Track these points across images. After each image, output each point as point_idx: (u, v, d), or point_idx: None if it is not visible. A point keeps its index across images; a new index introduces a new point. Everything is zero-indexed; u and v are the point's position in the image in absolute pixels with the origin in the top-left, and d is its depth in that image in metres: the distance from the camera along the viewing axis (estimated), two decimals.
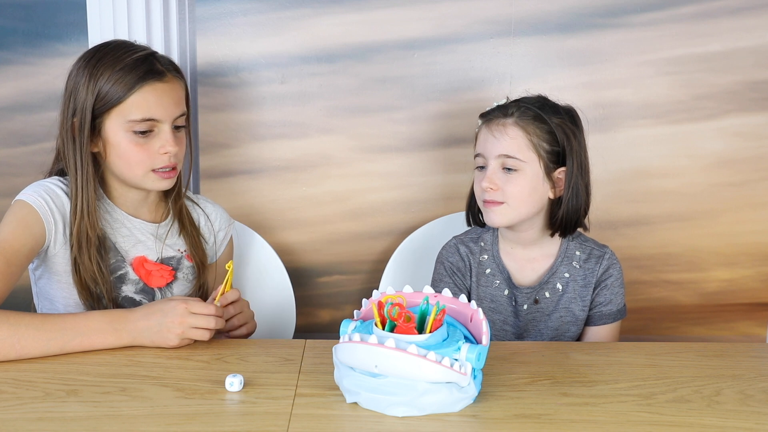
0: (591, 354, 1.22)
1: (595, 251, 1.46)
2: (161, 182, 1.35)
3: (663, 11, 1.76)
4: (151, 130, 1.31)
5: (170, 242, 1.44)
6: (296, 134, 1.82)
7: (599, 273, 1.45)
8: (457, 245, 1.49)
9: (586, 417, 0.98)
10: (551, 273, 1.44)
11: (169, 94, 1.33)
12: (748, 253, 1.88)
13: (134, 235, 1.40)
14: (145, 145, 1.31)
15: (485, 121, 1.42)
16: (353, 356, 0.98)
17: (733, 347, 1.27)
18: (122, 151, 1.32)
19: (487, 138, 1.40)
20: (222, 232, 1.52)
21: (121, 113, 1.30)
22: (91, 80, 1.29)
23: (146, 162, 1.32)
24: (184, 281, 1.44)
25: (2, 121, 1.80)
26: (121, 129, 1.30)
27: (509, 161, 1.37)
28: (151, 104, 1.30)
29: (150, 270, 1.40)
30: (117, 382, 1.06)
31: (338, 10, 1.76)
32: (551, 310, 1.44)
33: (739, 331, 1.91)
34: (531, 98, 1.43)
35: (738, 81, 1.79)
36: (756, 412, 1.01)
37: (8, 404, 0.99)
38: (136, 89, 1.29)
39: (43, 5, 1.75)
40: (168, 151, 1.32)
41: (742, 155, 1.83)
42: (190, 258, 1.45)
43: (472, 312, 1.05)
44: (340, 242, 1.87)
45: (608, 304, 1.45)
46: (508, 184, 1.37)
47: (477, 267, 1.47)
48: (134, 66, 1.30)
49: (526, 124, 1.38)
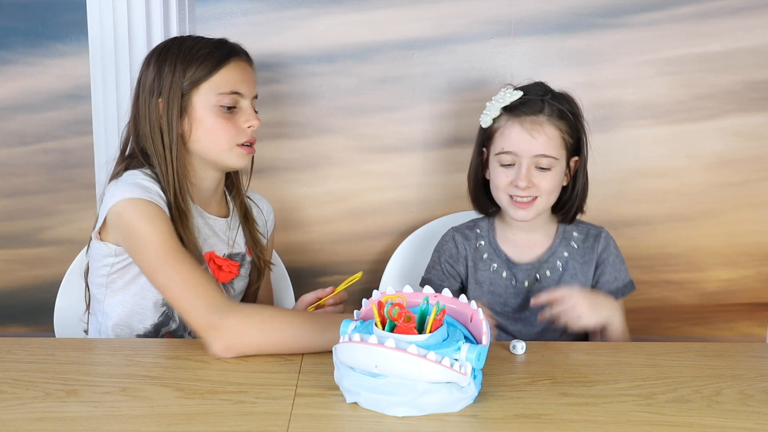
0: (591, 354, 1.22)
1: (591, 231, 1.51)
2: (245, 158, 1.40)
3: (663, 11, 1.76)
4: (234, 106, 1.37)
5: (237, 237, 1.48)
6: (296, 134, 1.82)
7: (599, 251, 1.48)
8: (453, 234, 1.54)
9: (586, 417, 0.98)
10: (551, 252, 1.47)
11: (250, 74, 1.41)
12: (748, 253, 1.87)
13: (205, 231, 1.42)
14: (231, 119, 1.37)
15: (513, 116, 1.41)
16: (353, 356, 0.98)
17: (733, 347, 1.27)
18: (210, 126, 1.36)
19: (522, 137, 1.39)
20: (270, 221, 1.59)
21: (211, 87, 1.35)
22: (179, 60, 1.34)
23: (233, 135, 1.37)
24: (245, 276, 1.49)
25: (2, 121, 1.80)
26: (209, 104, 1.35)
27: (545, 160, 1.40)
28: (237, 79, 1.37)
29: (220, 265, 1.42)
30: (117, 382, 1.06)
31: (338, 10, 1.76)
32: (552, 288, 1.42)
33: (739, 331, 1.91)
34: (540, 87, 1.45)
35: (738, 81, 1.79)
36: (756, 412, 1.01)
37: (8, 404, 0.99)
38: (224, 64, 1.36)
39: (43, 5, 1.75)
40: (252, 124, 1.39)
41: (742, 155, 1.83)
42: (249, 252, 1.49)
43: (472, 312, 1.05)
44: (340, 242, 1.87)
45: (614, 282, 1.47)
46: (541, 180, 1.40)
47: (474, 253, 1.50)
48: (219, 45, 1.38)
49: (558, 122, 1.41)
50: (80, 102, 1.78)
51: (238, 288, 1.48)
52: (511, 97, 1.43)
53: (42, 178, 1.84)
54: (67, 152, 1.81)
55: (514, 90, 1.44)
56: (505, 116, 1.43)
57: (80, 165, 1.81)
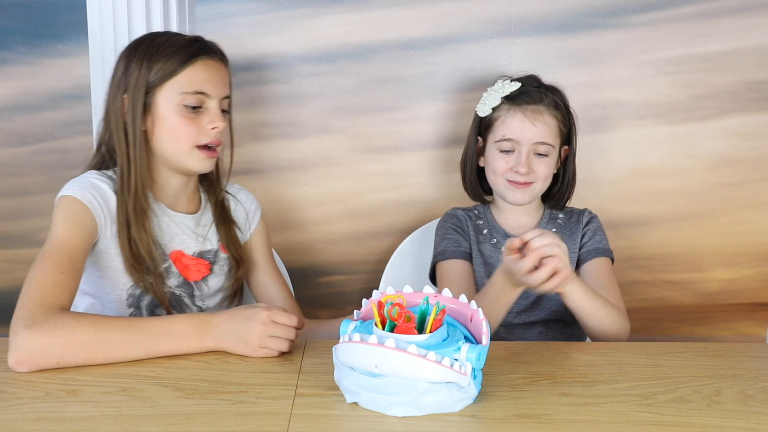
0: (591, 354, 1.22)
1: (575, 211, 1.60)
2: (205, 161, 1.37)
3: (663, 11, 1.76)
4: (200, 106, 1.34)
5: (208, 234, 1.45)
6: (296, 134, 1.82)
7: (584, 222, 1.57)
8: (454, 210, 1.62)
9: (586, 417, 0.98)
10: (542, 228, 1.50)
11: (219, 73, 1.37)
12: (748, 253, 1.88)
13: (172, 229, 1.40)
14: (194, 119, 1.34)
15: (515, 105, 1.49)
16: (353, 356, 0.98)
17: (733, 347, 1.26)
18: (172, 126, 1.34)
19: (524, 125, 1.48)
20: (251, 213, 1.54)
21: (174, 86, 1.33)
22: (146, 57, 1.33)
23: (194, 136, 1.34)
24: (220, 273, 1.45)
25: (2, 121, 1.81)
26: (173, 103, 1.33)
27: (543, 147, 1.48)
28: (203, 79, 1.34)
29: (187, 264, 1.40)
30: (117, 382, 1.06)
31: (338, 10, 1.76)
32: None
33: (739, 331, 1.91)
34: (534, 80, 1.54)
35: (738, 81, 1.79)
36: (756, 412, 1.01)
37: (8, 404, 0.99)
38: (190, 62, 1.33)
39: (43, 5, 1.75)
40: (216, 126, 1.35)
41: (742, 155, 1.83)
42: (224, 249, 1.46)
43: (472, 312, 1.05)
44: (340, 242, 1.87)
45: (594, 243, 1.53)
46: (539, 166, 1.49)
47: (474, 227, 1.58)
48: (189, 43, 1.35)
49: (555, 111, 1.50)
50: (80, 102, 1.78)
51: (213, 286, 1.44)
52: (510, 88, 1.50)
53: (42, 178, 1.85)
54: (67, 152, 1.81)
55: (511, 81, 1.52)
56: (506, 105, 1.51)
57: (80, 165, 1.78)
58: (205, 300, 1.44)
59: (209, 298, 1.44)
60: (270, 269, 1.55)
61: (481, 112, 1.54)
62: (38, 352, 1.08)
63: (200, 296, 1.42)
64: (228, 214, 1.49)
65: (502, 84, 1.52)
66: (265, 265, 1.55)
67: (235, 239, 1.48)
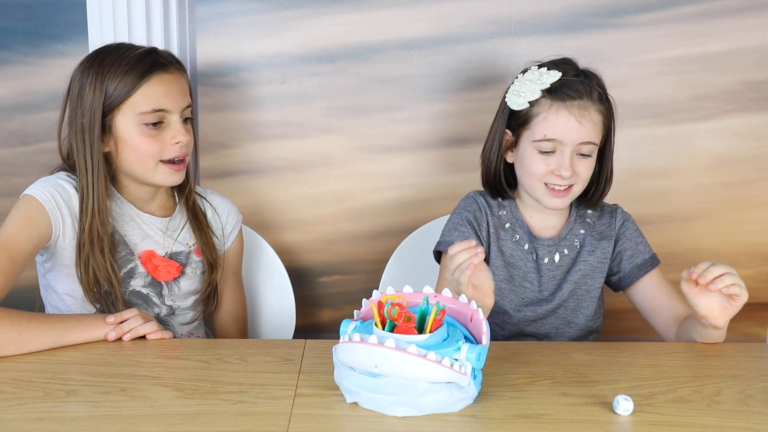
0: (591, 354, 1.22)
1: (606, 207, 1.47)
2: (172, 176, 1.37)
3: (663, 11, 1.76)
4: (161, 121, 1.33)
5: (179, 237, 1.44)
6: (296, 134, 1.82)
7: (617, 226, 1.44)
8: (476, 197, 1.47)
9: (586, 417, 0.98)
10: (568, 230, 1.43)
11: (176, 85, 1.35)
12: (748, 253, 1.87)
13: (143, 230, 1.40)
14: (156, 137, 1.33)
15: (558, 101, 1.32)
16: (353, 356, 0.98)
17: (733, 347, 1.27)
18: (134, 146, 1.33)
19: (570, 124, 1.31)
20: (229, 225, 1.52)
21: (131, 107, 1.31)
22: (98, 79, 1.31)
23: (158, 153, 1.34)
24: (192, 276, 1.45)
25: (2, 121, 1.80)
26: (132, 123, 1.32)
27: (587, 147, 1.33)
28: (160, 95, 1.32)
29: (157, 265, 1.40)
30: (117, 382, 1.06)
31: (338, 10, 1.76)
32: (570, 266, 1.42)
33: (739, 331, 1.91)
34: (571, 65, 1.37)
35: (738, 81, 1.79)
36: (756, 412, 1.01)
37: (8, 404, 0.99)
38: (143, 82, 1.31)
39: (43, 5, 1.75)
40: (180, 140, 1.34)
41: (742, 155, 1.83)
42: (198, 253, 1.46)
43: (472, 312, 1.05)
44: (340, 242, 1.87)
45: (641, 255, 1.43)
46: (581, 168, 1.34)
47: (496, 221, 1.44)
48: (139, 60, 1.32)
49: (601, 105, 1.34)
50: None
51: (184, 287, 1.44)
52: (549, 78, 1.33)
53: (46, 175, 1.85)
54: None
55: (548, 69, 1.34)
56: (548, 100, 1.33)
57: None
58: (175, 300, 1.44)
59: (180, 299, 1.44)
60: (233, 285, 1.56)
61: (514, 104, 1.35)
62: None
63: (170, 295, 1.43)
64: (202, 218, 1.48)
65: (538, 73, 1.34)
66: (231, 278, 1.55)
67: (209, 243, 1.47)
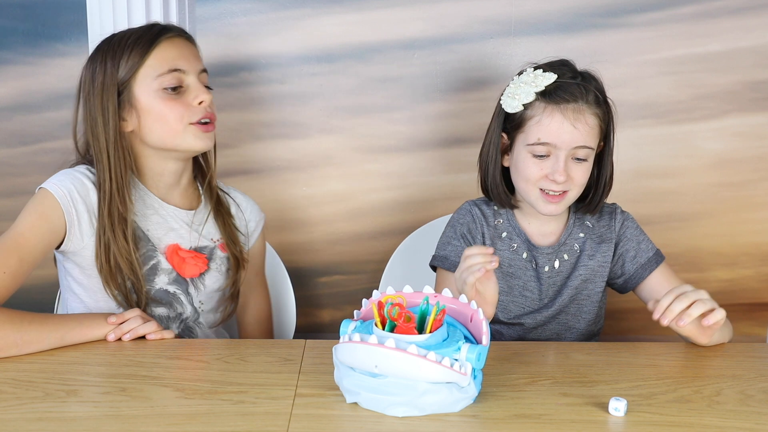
0: (591, 354, 1.22)
1: (605, 208, 1.44)
2: (202, 138, 1.33)
3: (663, 11, 1.76)
4: (180, 85, 1.31)
5: (204, 231, 1.41)
6: (296, 134, 1.82)
7: (617, 228, 1.42)
8: (471, 207, 1.44)
9: (586, 417, 0.98)
10: (567, 234, 1.41)
11: (188, 48, 1.35)
12: (748, 253, 1.87)
13: (167, 223, 1.37)
14: (178, 99, 1.31)
15: (552, 104, 1.29)
16: (353, 356, 0.98)
17: (733, 347, 1.27)
18: (157, 113, 1.31)
19: (564, 127, 1.28)
20: (253, 222, 1.51)
21: (147, 73, 1.30)
22: (108, 57, 1.31)
23: (184, 116, 1.31)
24: (217, 272, 1.41)
25: (2, 121, 1.81)
26: (151, 90, 1.30)
27: (582, 151, 1.30)
28: (174, 55, 1.31)
29: (184, 258, 1.37)
30: (117, 382, 1.06)
31: (338, 10, 1.76)
32: (570, 271, 1.41)
33: (739, 331, 1.91)
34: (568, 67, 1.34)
35: (738, 81, 1.79)
36: (756, 412, 1.01)
37: (8, 404, 0.99)
38: (155, 45, 1.30)
39: (43, 5, 1.75)
40: (202, 99, 1.32)
41: (742, 155, 1.83)
42: (223, 248, 1.43)
43: (472, 312, 1.05)
44: (340, 242, 1.87)
45: (644, 253, 1.40)
46: (576, 172, 1.31)
47: (492, 231, 1.41)
48: (147, 29, 1.33)
49: (597, 108, 1.31)
50: None
51: (209, 284, 1.40)
52: (544, 80, 1.30)
53: (42, 178, 1.84)
54: (67, 152, 1.80)
55: (543, 72, 1.32)
56: (542, 103, 1.30)
57: None
58: (202, 301, 1.40)
59: (206, 300, 1.41)
60: (258, 285, 1.54)
61: (509, 107, 1.33)
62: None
63: (197, 294, 1.39)
64: (226, 210, 1.46)
65: (533, 75, 1.31)
66: (255, 278, 1.54)
67: (235, 238, 1.45)
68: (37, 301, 1.81)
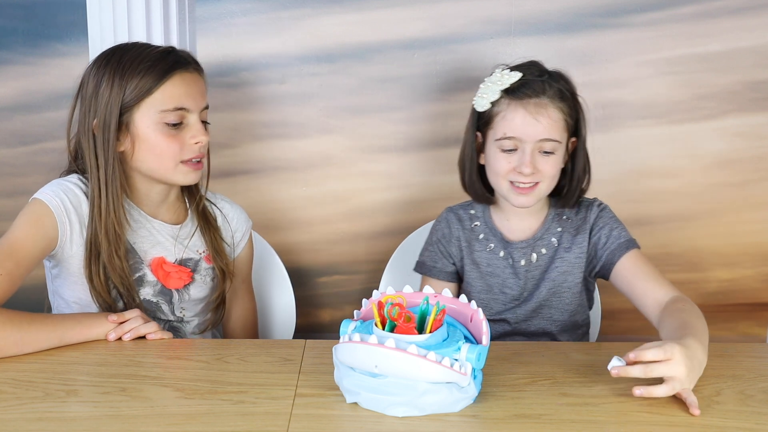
0: (591, 354, 1.22)
1: (583, 203, 1.47)
2: (191, 174, 1.35)
3: (663, 11, 1.76)
4: (180, 122, 1.31)
5: (190, 244, 1.42)
6: (296, 134, 1.82)
7: (592, 219, 1.44)
8: (447, 214, 1.51)
9: (586, 417, 0.98)
10: (545, 229, 1.44)
11: (197, 85, 1.34)
12: (749, 253, 1.87)
13: (153, 236, 1.38)
14: (176, 136, 1.31)
15: (515, 100, 1.35)
16: (353, 356, 0.98)
17: (733, 347, 1.27)
18: (153, 145, 1.30)
19: (526, 121, 1.34)
20: (239, 232, 1.50)
21: (152, 105, 1.29)
22: (117, 76, 1.28)
23: (178, 153, 1.31)
24: (202, 283, 1.43)
25: (2, 121, 1.81)
26: (152, 122, 1.29)
27: (548, 144, 1.35)
28: (182, 93, 1.30)
29: (168, 271, 1.38)
30: (117, 382, 1.06)
31: (338, 10, 1.76)
32: (548, 264, 1.43)
33: (739, 331, 1.91)
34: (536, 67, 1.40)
35: (738, 81, 1.79)
36: (756, 412, 1.01)
37: (8, 404, 0.99)
38: (166, 79, 1.29)
39: (43, 5, 1.75)
40: (199, 140, 1.32)
41: (742, 155, 1.83)
42: (208, 260, 1.44)
43: (472, 312, 1.05)
44: (340, 242, 1.87)
45: (614, 240, 1.41)
46: (545, 165, 1.36)
47: (468, 234, 1.47)
48: (161, 57, 1.30)
49: (560, 103, 1.36)
50: None
51: (194, 295, 1.41)
52: (509, 79, 1.36)
53: (42, 178, 1.84)
54: (66, 152, 1.81)
55: (511, 71, 1.38)
56: (506, 99, 1.37)
57: None
58: (184, 308, 1.41)
59: (189, 307, 1.42)
60: (243, 292, 1.54)
61: (478, 106, 1.40)
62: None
63: (179, 303, 1.40)
64: (212, 223, 1.46)
65: (500, 74, 1.37)
66: (242, 286, 1.54)
67: (221, 250, 1.45)
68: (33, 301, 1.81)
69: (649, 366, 1.02)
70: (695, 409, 1.00)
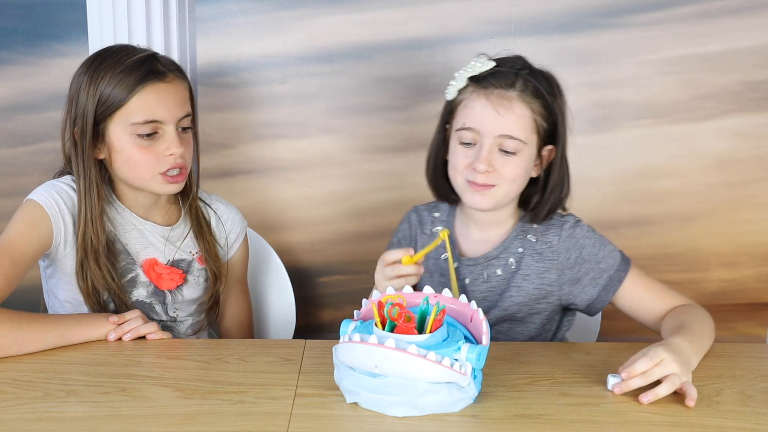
0: (591, 354, 1.22)
1: (554, 221, 1.30)
2: (169, 186, 1.33)
3: (663, 11, 1.76)
4: (155, 132, 1.29)
5: (182, 245, 1.42)
6: (296, 134, 1.82)
7: (561, 250, 1.28)
8: (410, 214, 1.44)
9: (586, 417, 0.98)
10: (502, 248, 1.31)
11: (172, 95, 1.31)
12: (749, 253, 1.87)
13: (145, 238, 1.39)
14: (150, 147, 1.29)
15: (480, 88, 1.24)
16: (353, 356, 0.98)
17: (733, 347, 1.26)
18: (127, 156, 1.30)
19: (487, 112, 1.22)
20: (233, 233, 1.49)
21: (124, 117, 1.28)
22: (92, 85, 1.28)
23: (153, 165, 1.30)
24: (195, 284, 1.43)
25: (2, 121, 1.81)
26: (125, 133, 1.29)
27: (510, 143, 1.22)
28: (154, 105, 1.28)
29: (160, 273, 1.38)
30: (117, 382, 1.06)
31: (338, 10, 1.76)
32: (502, 289, 1.31)
33: (739, 331, 1.91)
34: (517, 61, 1.28)
35: (738, 81, 1.79)
36: (756, 413, 1.01)
37: (8, 404, 0.99)
38: (136, 91, 1.27)
39: (43, 5, 1.75)
40: (173, 152, 1.30)
41: (742, 155, 1.83)
42: (201, 261, 1.43)
43: (472, 312, 1.05)
44: (340, 242, 1.87)
45: (603, 273, 1.27)
46: (504, 166, 1.23)
47: (427, 238, 1.37)
48: (135, 67, 1.28)
49: (531, 100, 1.23)
50: None
51: (187, 295, 1.41)
52: (481, 67, 1.25)
53: (42, 178, 1.84)
54: None
55: (488, 60, 1.27)
56: (471, 87, 1.25)
57: None
58: (178, 308, 1.41)
59: (182, 308, 1.42)
60: (238, 293, 1.54)
61: (448, 94, 1.29)
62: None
63: (173, 304, 1.40)
64: (205, 227, 1.45)
65: (474, 62, 1.26)
66: (236, 286, 1.53)
67: (213, 252, 1.44)
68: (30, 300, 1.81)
69: (645, 373, 1.04)
70: (690, 401, 1.01)
